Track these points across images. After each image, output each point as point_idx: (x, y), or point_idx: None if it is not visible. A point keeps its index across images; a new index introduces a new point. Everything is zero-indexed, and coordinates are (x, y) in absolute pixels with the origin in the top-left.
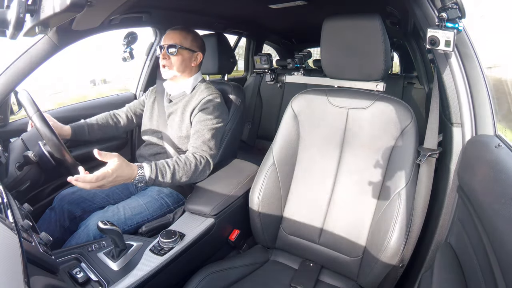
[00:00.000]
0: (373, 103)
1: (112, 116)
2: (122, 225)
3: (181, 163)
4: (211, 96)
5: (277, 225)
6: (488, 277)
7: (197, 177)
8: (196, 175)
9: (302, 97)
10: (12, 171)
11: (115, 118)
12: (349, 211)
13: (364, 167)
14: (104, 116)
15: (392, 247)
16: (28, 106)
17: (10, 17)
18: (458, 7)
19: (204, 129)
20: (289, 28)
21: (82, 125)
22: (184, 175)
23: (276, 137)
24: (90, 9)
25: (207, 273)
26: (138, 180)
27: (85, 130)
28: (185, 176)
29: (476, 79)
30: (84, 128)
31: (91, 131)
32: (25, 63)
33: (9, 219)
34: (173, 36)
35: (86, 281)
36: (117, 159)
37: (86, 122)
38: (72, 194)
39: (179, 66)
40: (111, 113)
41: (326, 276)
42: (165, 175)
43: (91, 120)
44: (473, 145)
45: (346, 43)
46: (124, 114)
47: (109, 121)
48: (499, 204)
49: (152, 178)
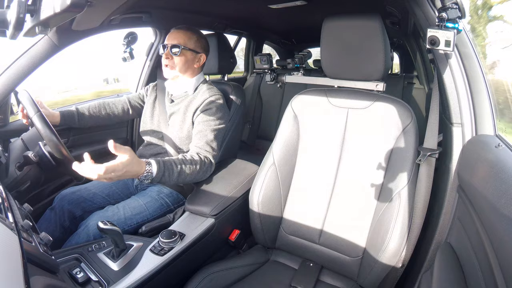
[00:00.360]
0: (373, 103)
1: (106, 106)
2: (122, 225)
3: (187, 163)
4: (214, 97)
5: (277, 225)
6: (488, 277)
7: (200, 177)
8: (200, 175)
9: (302, 97)
10: (12, 171)
11: (108, 108)
12: (349, 211)
13: (364, 167)
14: (96, 104)
15: (392, 247)
16: (28, 106)
17: (10, 17)
18: (458, 7)
19: (207, 129)
20: (289, 28)
21: (72, 112)
22: (190, 175)
23: (276, 137)
24: (90, 9)
25: (207, 273)
26: (144, 177)
27: (75, 117)
28: (190, 176)
29: (476, 79)
30: (74, 115)
31: (81, 119)
32: (25, 63)
33: (9, 219)
34: (177, 36)
35: (86, 281)
36: (129, 154)
37: (77, 109)
38: (72, 194)
39: (181, 66)
40: (105, 102)
41: (326, 276)
42: (171, 174)
43: (82, 107)
44: (473, 145)
45: (346, 43)
46: (120, 105)
47: (101, 110)
48: (499, 204)
49: (159, 176)
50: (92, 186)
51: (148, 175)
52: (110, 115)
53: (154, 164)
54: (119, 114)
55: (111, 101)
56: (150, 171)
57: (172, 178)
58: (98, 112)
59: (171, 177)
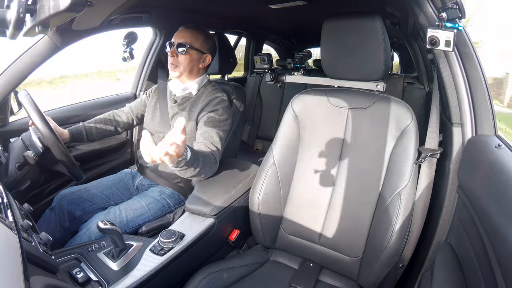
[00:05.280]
0: (373, 103)
1: (112, 119)
2: (124, 227)
3: (207, 160)
4: (219, 98)
5: (277, 225)
6: (488, 277)
7: (207, 175)
8: (210, 173)
9: (302, 97)
10: (12, 171)
11: (114, 121)
12: (349, 211)
13: (364, 167)
14: (103, 118)
15: (392, 247)
16: (28, 106)
17: (10, 17)
18: (458, 7)
19: (212, 130)
20: (289, 28)
21: (80, 128)
22: (205, 172)
23: (276, 137)
24: (90, 9)
25: (207, 273)
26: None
27: (83, 134)
28: (205, 173)
29: (476, 79)
30: (82, 132)
31: (89, 135)
32: (25, 63)
33: (9, 219)
34: (184, 35)
35: (86, 281)
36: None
37: (84, 125)
38: (71, 194)
39: (186, 65)
40: (111, 115)
41: (326, 276)
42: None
43: (89, 123)
44: (473, 145)
45: (346, 43)
46: (125, 116)
47: (108, 124)
48: (499, 204)
49: (191, 162)
50: (92, 186)
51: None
52: (116, 127)
53: (188, 149)
54: (124, 125)
55: (116, 112)
56: (185, 157)
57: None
58: (104, 126)
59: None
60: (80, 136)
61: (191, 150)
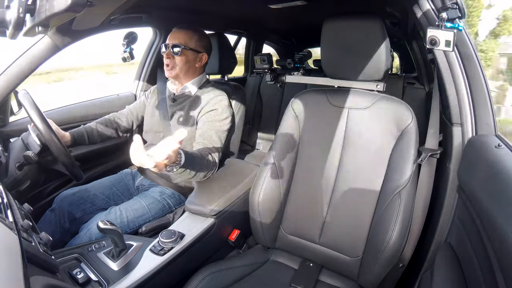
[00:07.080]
0: (373, 103)
1: (113, 121)
2: (125, 227)
3: (204, 161)
4: (219, 98)
5: (277, 225)
6: (488, 277)
7: (205, 176)
8: (208, 174)
9: (302, 97)
10: (12, 171)
11: (115, 124)
12: (349, 211)
13: (364, 167)
14: (104, 121)
15: (392, 247)
16: (28, 106)
17: (10, 17)
18: (458, 7)
19: (211, 130)
20: (289, 28)
21: (81, 131)
22: (203, 173)
23: (276, 137)
24: (90, 9)
25: (207, 273)
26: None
27: (85, 137)
28: (203, 174)
29: (476, 79)
30: (83, 134)
31: (91, 138)
32: (25, 63)
33: (9, 219)
34: (178, 36)
35: (86, 281)
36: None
37: (85, 128)
38: (72, 195)
39: (182, 66)
40: (112, 118)
41: (326, 276)
42: (194, 166)
43: (90, 126)
44: (473, 145)
45: (346, 43)
46: (125, 118)
47: (109, 126)
48: (499, 204)
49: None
50: (92, 187)
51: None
52: (117, 130)
53: (182, 154)
54: (125, 129)
55: (117, 115)
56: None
57: (192, 171)
58: (105, 128)
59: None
60: (81, 139)
61: (186, 154)
